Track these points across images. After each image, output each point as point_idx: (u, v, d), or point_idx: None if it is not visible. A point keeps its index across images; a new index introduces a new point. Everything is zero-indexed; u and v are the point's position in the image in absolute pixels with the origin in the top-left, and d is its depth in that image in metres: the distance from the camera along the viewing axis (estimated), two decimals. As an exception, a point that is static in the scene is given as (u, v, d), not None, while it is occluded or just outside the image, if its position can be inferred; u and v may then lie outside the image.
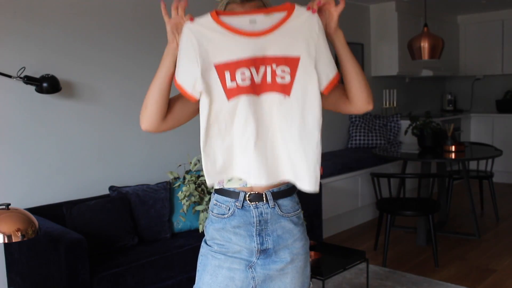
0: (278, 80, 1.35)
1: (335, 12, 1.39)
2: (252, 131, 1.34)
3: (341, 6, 1.39)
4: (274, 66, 1.35)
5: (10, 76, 2.94)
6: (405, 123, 5.57)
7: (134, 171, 3.61)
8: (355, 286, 3.41)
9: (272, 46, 1.35)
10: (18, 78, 2.96)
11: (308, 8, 1.37)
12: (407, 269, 3.72)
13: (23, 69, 2.97)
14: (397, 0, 5.90)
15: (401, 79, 6.66)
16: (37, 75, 3.02)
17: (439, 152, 4.45)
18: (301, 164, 1.37)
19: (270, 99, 1.36)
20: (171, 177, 2.87)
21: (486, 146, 5.08)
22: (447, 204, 4.86)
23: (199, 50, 1.33)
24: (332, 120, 5.59)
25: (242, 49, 1.33)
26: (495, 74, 7.10)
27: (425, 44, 4.54)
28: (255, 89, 1.35)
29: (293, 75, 1.36)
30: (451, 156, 4.29)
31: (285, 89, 1.36)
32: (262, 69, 1.35)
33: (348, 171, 4.72)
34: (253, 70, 1.34)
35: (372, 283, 3.42)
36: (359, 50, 5.93)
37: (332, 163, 4.63)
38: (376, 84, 6.21)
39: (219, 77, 1.34)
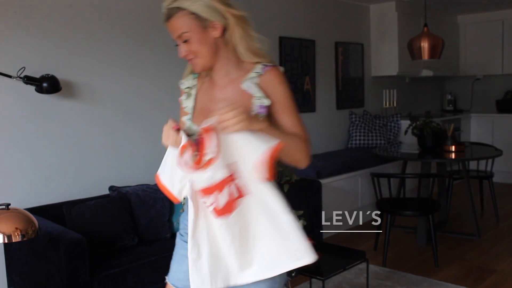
0: (234, 188, 1.37)
1: (227, 130, 1.34)
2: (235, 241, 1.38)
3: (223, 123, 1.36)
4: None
5: (10, 76, 2.94)
6: (405, 123, 5.56)
7: (134, 171, 3.61)
8: (355, 286, 3.41)
9: (220, 169, 1.36)
10: (18, 78, 2.96)
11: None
12: (407, 269, 3.72)
13: (23, 69, 2.97)
14: (397, 0, 5.90)
15: (401, 79, 6.66)
16: (37, 75, 3.02)
17: (439, 152, 4.45)
18: (294, 245, 1.39)
19: (246, 206, 1.39)
20: (171, 177, 2.87)
21: (486, 146, 5.08)
22: (447, 204, 4.85)
23: None
24: (332, 120, 5.59)
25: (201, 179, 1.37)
26: (495, 74, 7.09)
27: (425, 44, 4.54)
28: (231, 205, 1.37)
29: (239, 176, 1.38)
30: (451, 156, 4.29)
31: (242, 191, 1.39)
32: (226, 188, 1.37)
33: (348, 171, 4.73)
34: (224, 191, 1.36)
35: (372, 283, 3.42)
36: (359, 50, 5.94)
37: (332, 163, 4.63)
38: (376, 84, 6.22)
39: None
